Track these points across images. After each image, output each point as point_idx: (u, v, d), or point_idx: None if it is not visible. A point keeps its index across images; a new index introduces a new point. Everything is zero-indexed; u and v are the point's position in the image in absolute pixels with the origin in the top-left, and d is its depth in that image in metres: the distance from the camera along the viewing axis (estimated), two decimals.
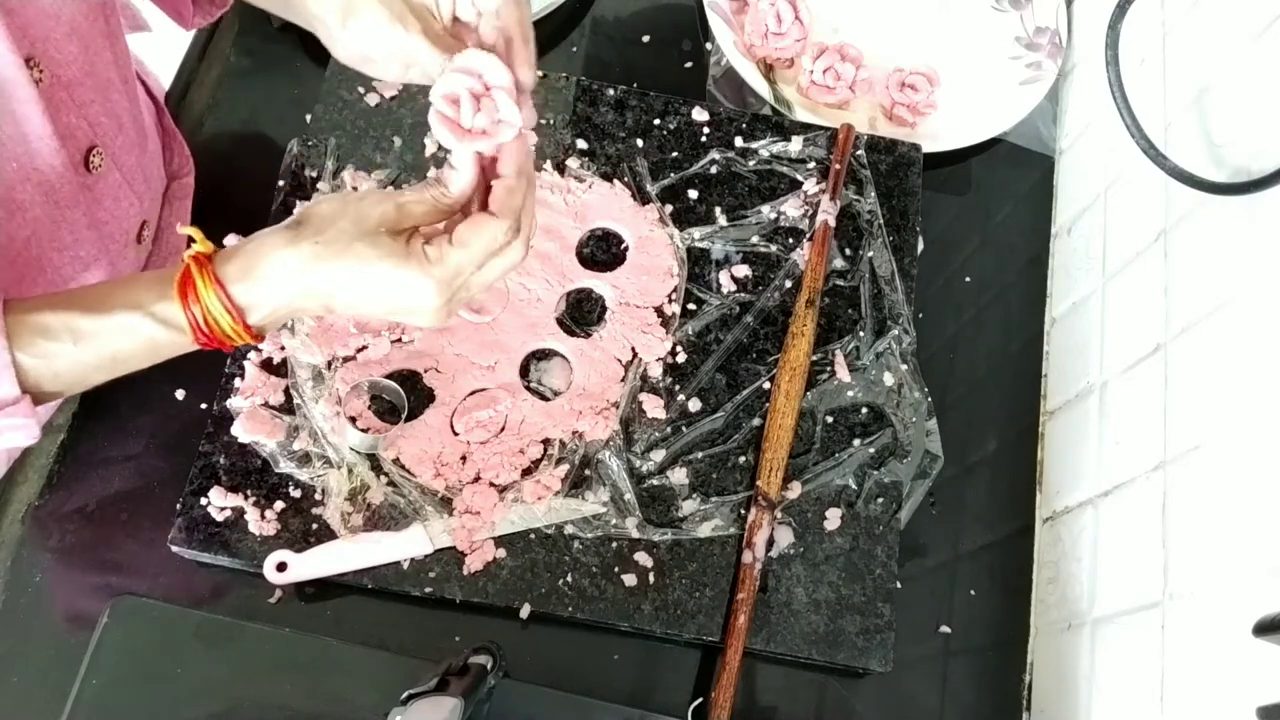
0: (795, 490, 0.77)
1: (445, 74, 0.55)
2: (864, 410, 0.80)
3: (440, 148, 0.84)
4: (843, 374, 0.81)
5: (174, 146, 0.83)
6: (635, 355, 0.79)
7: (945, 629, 0.79)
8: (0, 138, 0.57)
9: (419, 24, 0.59)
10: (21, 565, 0.72)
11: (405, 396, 0.75)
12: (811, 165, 0.88)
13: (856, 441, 0.79)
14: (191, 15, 0.75)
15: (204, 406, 0.76)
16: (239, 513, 0.71)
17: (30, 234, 0.62)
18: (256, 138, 0.89)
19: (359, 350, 0.76)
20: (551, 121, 0.87)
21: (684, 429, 0.78)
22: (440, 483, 0.73)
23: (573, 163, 0.86)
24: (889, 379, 0.81)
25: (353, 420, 0.74)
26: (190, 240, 0.54)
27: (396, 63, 0.61)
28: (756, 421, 0.79)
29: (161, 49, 0.93)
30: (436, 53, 0.59)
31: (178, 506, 0.71)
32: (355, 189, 0.82)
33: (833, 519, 0.76)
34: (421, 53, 0.59)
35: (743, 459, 0.77)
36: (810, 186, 0.87)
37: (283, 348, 0.75)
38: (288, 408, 0.74)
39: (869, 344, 0.82)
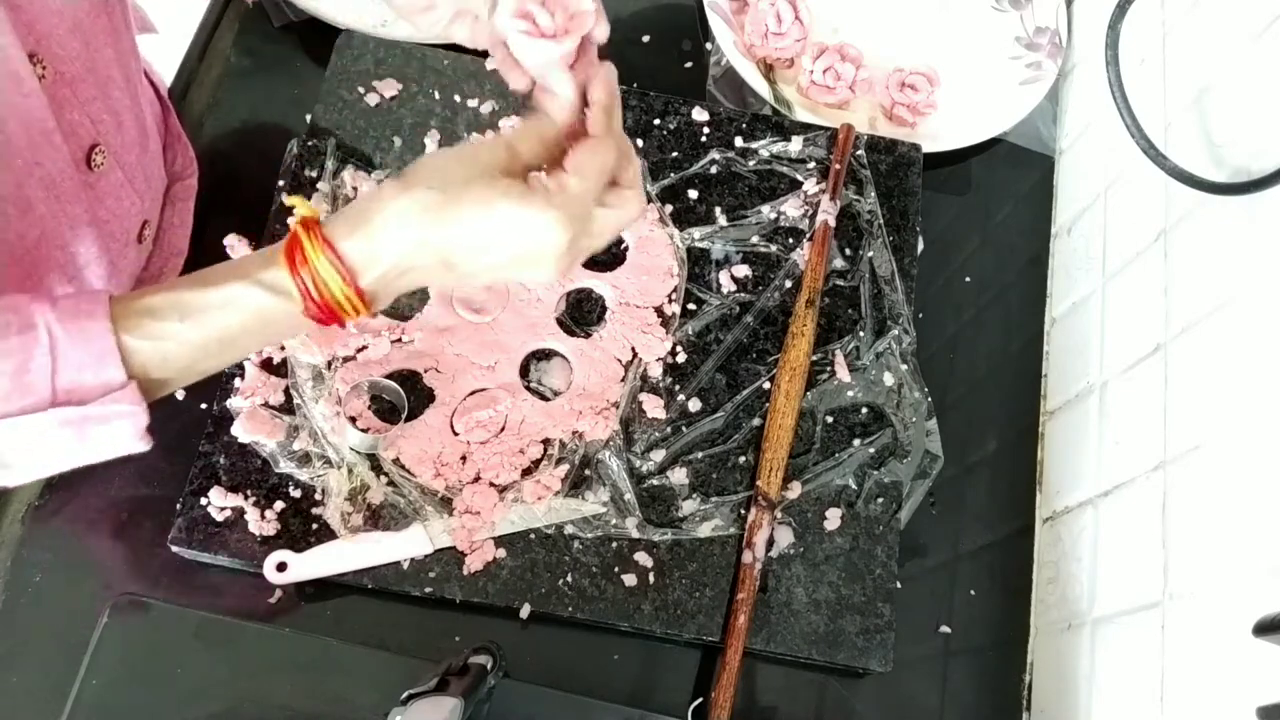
0: (795, 490, 0.77)
1: (499, 5, 0.55)
2: (864, 410, 0.80)
3: (440, 147, 0.84)
4: (843, 374, 0.81)
5: (178, 147, 0.83)
6: (635, 355, 0.79)
7: (945, 629, 0.79)
8: (8, 133, 0.57)
9: None
10: (21, 565, 0.72)
11: (405, 396, 0.75)
12: (811, 165, 0.88)
13: (856, 441, 0.79)
14: None
15: (204, 406, 0.76)
16: (239, 513, 0.71)
17: (40, 233, 0.62)
18: (256, 138, 0.89)
19: (359, 350, 0.76)
20: None
21: (684, 429, 0.78)
22: (440, 483, 0.73)
23: None
24: (889, 379, 0.81)
25: (353, 420, 0.74)
26: (291, 210, 0.52)
27: (452, 8, 0.61)
28: (756, 421, 0.79)
29: (162, 49, 0.93)
30: None
31: (178, 506, 0.71)
32: (356, 189, 0.82)
33: (833, 519, 0.76)
34: None
35: (743, 459, 0.77)
36: (810, 186, 0.87)
37: (283, 347, 0.75)
38: (288, 408, 0.74)
39: (869, 344, 0.82)
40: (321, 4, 0.90)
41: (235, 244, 0.80)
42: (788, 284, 0.84)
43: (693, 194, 0.86)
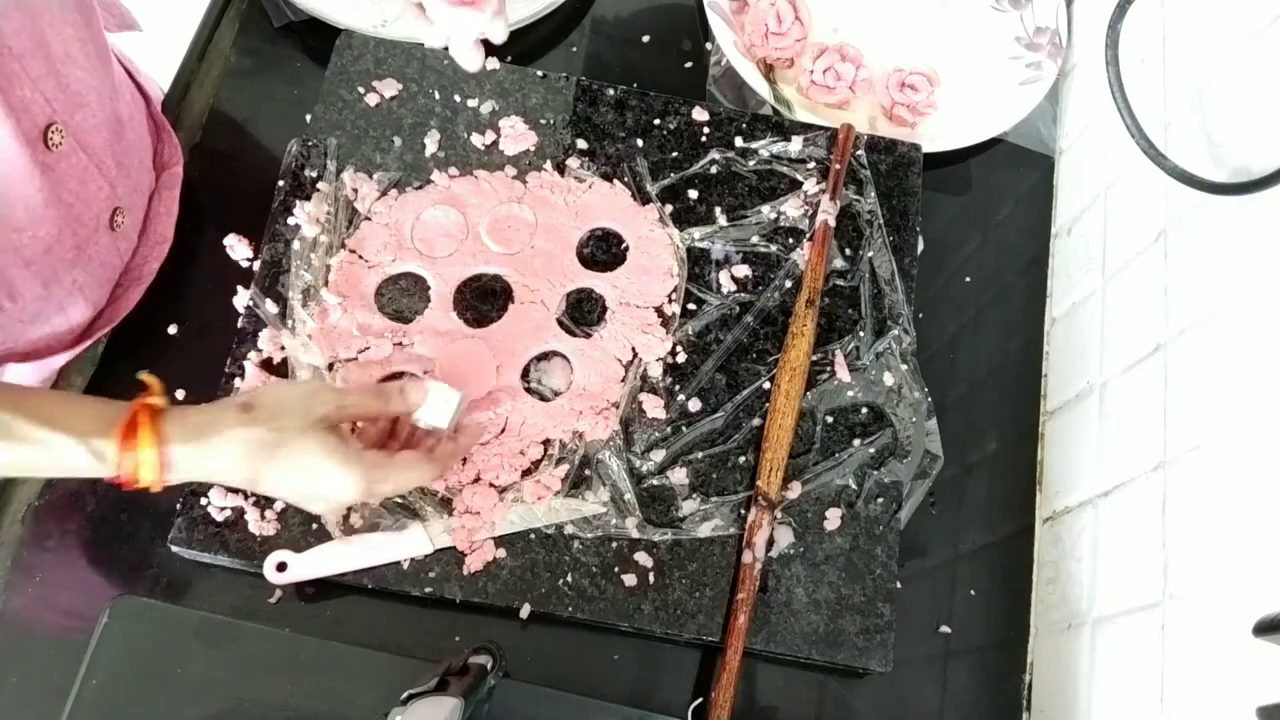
0: (795, 490, 0.77)
1: None
2: (864, 410, 0.80)
3: (440, 147, 0.84)
4: (843, 374, 0.81)
5: (163, 137, 0.83)
6: (635, 355, 0.79)
7: (945, 629, 0.79)
8: None
9: None
10: (21, 565, 0.72)
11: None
12: (811, 165, 0.88)
13: (856, 441, 0.79)
14: None
15: None
16: (239, 513, 0.71)
17: None
18: (256, 138, 0.89)
19: (360, 351, 0.76)
20: (551, 121, 0.87)
21: (684, 429, 0.78)
22: (440, 483, 0.73)
23: (573, 163, 0.85)
24: (889, 379, 0.81)
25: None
26: (146, 387, 0.58)
27: None
28: (756, 421, 0.78)
29: (161, 49, 0.93)
30: None
31: (178, 506, 0.71)
32: (355, 189, 0.82)
33: (833, 519, 0.76)
34: None
35: (743, 459, 0.77)
36: (810, 186, 0.87)
37: (283, 348, 0.75)
38: None
39: (869, 344, 0.82)
40: (321, 4, 0.91)
41: (235, 244, 0.80)
42: (788, 284, 0.84)
43: (693, 194, 0.86)
